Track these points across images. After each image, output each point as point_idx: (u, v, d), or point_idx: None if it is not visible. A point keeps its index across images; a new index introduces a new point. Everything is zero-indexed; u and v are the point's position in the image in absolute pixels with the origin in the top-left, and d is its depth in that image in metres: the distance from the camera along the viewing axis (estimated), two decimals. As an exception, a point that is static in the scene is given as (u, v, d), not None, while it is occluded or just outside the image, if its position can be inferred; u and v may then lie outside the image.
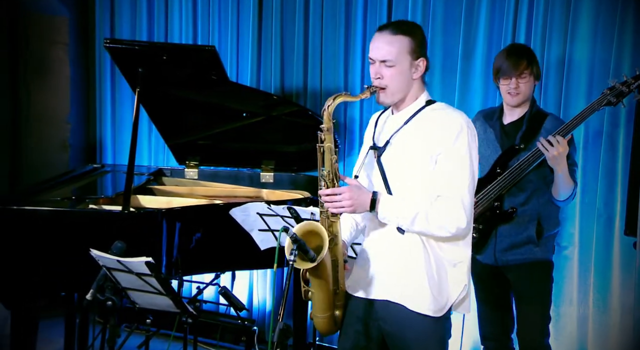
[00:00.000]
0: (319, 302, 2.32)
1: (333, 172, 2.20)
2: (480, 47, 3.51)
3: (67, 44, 4.69)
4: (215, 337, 4.06)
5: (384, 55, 2.17)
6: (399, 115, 2.28)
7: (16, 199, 3.12)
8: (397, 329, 2.24)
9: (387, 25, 2.24)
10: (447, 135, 2.15)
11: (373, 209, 2.18)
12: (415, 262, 2.20)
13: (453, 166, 2.15)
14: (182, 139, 3.97)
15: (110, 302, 2.37)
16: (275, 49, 4.08)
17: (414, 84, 2.24)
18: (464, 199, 2.14)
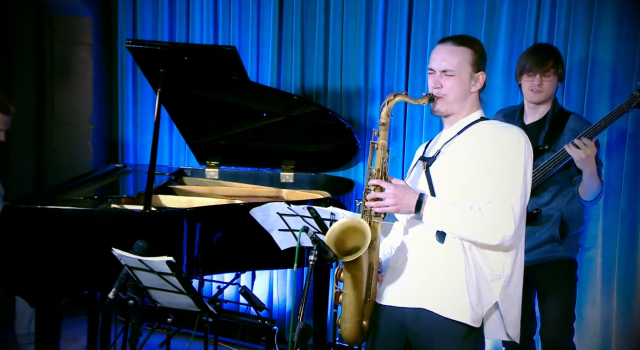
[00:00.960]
0: (350, 305, 2.26)
1: (382, 172, 2.18)
2: (501, 47, 3.49)
3: (91, 45, 4.74)
4: (235, 337, 4.08)
5: (446, 65, 2.18)
6: (452, 128, 2.26)
7: (40, 199, 3.15)
8: (428, 341, 2.18)
9: (449, 37, 2.26)
10: (503, 145, 2.13)
11: (418, 210, 2.14)
12: (455, 270, 2.14)
13: (507, 175, 2.11)
14: (203, 139, 3.99)
15: (131, 300, 2.39)
16: (295, 49, 4.09)
17: (471, 97, 2.24)
18: (514, 207, 2.10)
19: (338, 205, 3.37)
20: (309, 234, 2.32)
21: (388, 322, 2.26)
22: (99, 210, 3.08)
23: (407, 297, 2.21)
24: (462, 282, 2.13)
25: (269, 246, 2.74)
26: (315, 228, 2.53)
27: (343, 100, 4.01)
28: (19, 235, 2.86)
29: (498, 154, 2.12)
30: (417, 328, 2.19)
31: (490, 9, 3.51)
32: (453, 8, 3.61)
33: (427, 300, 2.17)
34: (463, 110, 2.24)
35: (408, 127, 3.84)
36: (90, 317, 3.45)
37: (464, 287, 2.13)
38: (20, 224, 2.87)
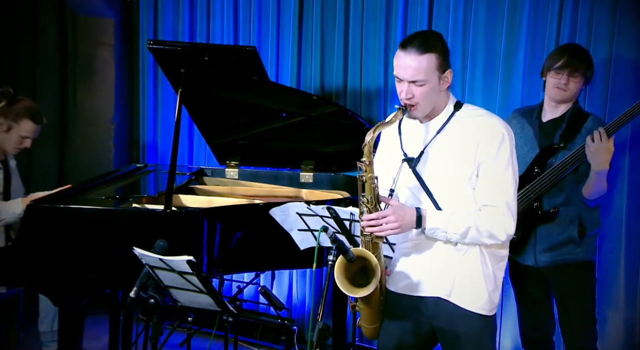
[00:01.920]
0: (367, 316, 2.34)
1: (375, 198, 2.19)
2: (522, 47, 3.45)
3: (113, 46, 4.78)
4: (255, 336, 4.09)
5: (414, 76, 2.15)
6: (430, 124, 2.27)
7: (62, 198, 3.19)
8: (450, 326, 2.25)
9: (409, 41, 2.17)
10: (489, 144, 2.16)
11: (419, 225, 2.17)
12: (471, 262, 2.21)
13: (497, 175, 2.16)
14: (223, 139, 4.00)
15: (152, 299, 2.41)
16: (315, 49, 4.09)
17: (443, 95, 2.25)
18: (510, 206, 2.17)
19: (357, 205, 3.36)
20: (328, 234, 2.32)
21: (402, 310, 2.31)
22: (120, 209, 3.10)
23: (424, 287, 2.26)
24: (479, 274, 2.21)
25: (289, 246, 2.74)
26: (334, 228, 2.53)
27: (363, 100, 4.00)
28: (42, 234, 2.89)
29: (486, 154, 2.15)
30: (439, 314, 2.26)
31: (512, 8, 3.48)
32: (474, 8, 3.58)
33: (445, 292, 2.23)
34: (437, 107, 2.25)
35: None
36: (112, 316, 3.48)
37: (481, 278, 2.21)
38: (43, 223, 2.90)
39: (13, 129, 3.34)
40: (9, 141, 3.36)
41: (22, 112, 3.34)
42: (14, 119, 3.32)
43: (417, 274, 2.28)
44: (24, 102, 3.40)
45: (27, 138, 3.39)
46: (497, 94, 3.55)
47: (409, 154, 2.29)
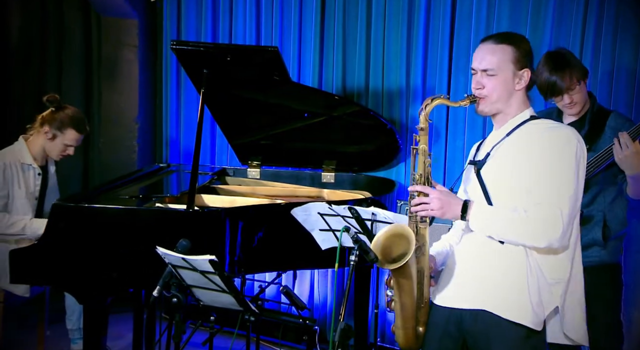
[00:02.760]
0: (402, 311, 2.26)
1: (425, 176, 2.17)
2: (546, 47, 3.40)
3: (137, 46, 4.83)
4: (277, 336, 4.10)
5: (486, 64, 2.14)
6: (501, 129, 2.22)
7: (87, 197, 3.22)
8: (486, 343, 2.14)
9: (491, 35, 2.21)
10: (553, 145, 2.08)
11: (464, 216, 2.13)
12: (516, 272, 2.11)
13: (556, 176, 2.06)
14: (245, 139, 4.02)
15: (175, 298, 2.42)
16: (337, 49, 4.09)
17: (516, 95, 2.18)
18: (563, 210, 2.03)
19: (379, 205, 3.35)
20: (350, 234, 2.32)
21: (445, 324, 2.24)
22: (143, 209, 3.13)
23: (465, 298, 2.19)
24: (523, 284, 2.10)
25: (310, 246, 2.74)
26: (356, 228, 2.52)
27: (384, 100, 3.99)
28: (67, 233, 2.93)
29: (547, 154, 2.07)
30: (475, 330, 2.17)
31: (535, 8, 3.45)
32: (497, 6, 3.56)
33: (486, 302, 2.14)
34: (510, 109, 2.19)
35: (450, 127, 3.80)
36: (135, 315, 3.51)
37: (524, 289, 2.10)
38: (68, 222, 2.94)
39: (58, 138, 3.44)
40: (53, 148, 3.46)
41: (67, 122, 3.44)
42: (59, 128, 3.42)
43: (458, 286, 2.22)
44: (68, 111, 3.49)
45: (71, 146, 3.47)
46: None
47: (477, 157, 2.27)
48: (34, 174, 3.46)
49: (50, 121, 3.43)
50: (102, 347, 3.02)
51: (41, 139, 3.46)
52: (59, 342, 3.98)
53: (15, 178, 3.37)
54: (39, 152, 3.47)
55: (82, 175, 5.08)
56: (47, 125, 3.43)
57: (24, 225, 3.34)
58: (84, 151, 5.06)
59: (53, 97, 3.45)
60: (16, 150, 3.42)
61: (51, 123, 3.42)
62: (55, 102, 3.45)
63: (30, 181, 3.45)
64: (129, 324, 3.67)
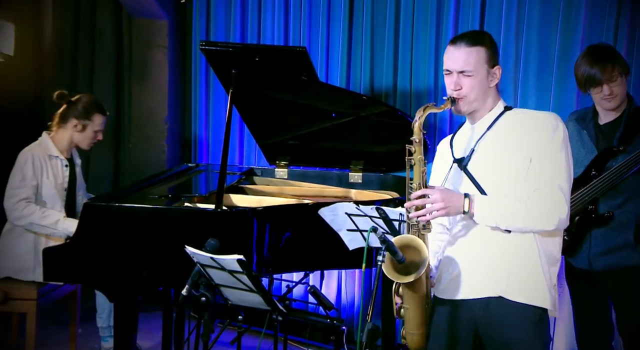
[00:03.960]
0: (414, 318, 2.29)
1: (423, 184, 2.20)
2: (577, 48, 3.36)
3: (166, 47, 4.88)
4: (304, 336, 4.10)
5: (463, 66, 2.20)
6: (479, 124, 2.29)
7: (118, 197, 3.27)
8: (499, 329, 2.18)
9: (460, 37, 2.26)
10: (541, 132, 2.15)
11: (467, 209, 2.15)
12: (529, 256, 2.17)
13: (551, 161, 2.14)
14: (273, 139, 4.03)
15: (204, 298, 2.44)
16: (365, 49, 4.08)
17: (491, 91, 2.26)
18: (563, 189, 2.13)
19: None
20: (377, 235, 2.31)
21: (455, 316, 2.27)
22: (172, 208, 3.16)
23: (475, 288, 2.22)
24: (538, 268, 2.16)
25: (338, 246, 2.74)
26: (383, 229, 2.51)
27: (413, 100, 3.98)
28: (98, 232, 2.97)
29: (537, 140, 2.14)
30: (486, 318, 2.21)
31: (567, 5, 3.40)
32: (527, 6, 3.51)
33: (500, 289, 2.17)
34: (485, 105, 2.27)
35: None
36: (164, 313, 3.54)
37: (540, 272, 2.16)
38: (99, 221, 2.98)
39: (88, 127, 3.48)
40: (85, 138, 3.53)
41: (91, 109, 3.49)
42: (86, 117, 3.47)
43: (465, 276, 2.24)
44: (85, 99, 3.53)
45: (100, 131, 3.53)
46: (552, 96, 3.47)
47: (456, 154, 2.31)
48: (62, 165, 3.52)
49: (74, 114, 3.48)
50: (132, 345, 3.06)
51: (68, 133, 3.50)
52: (91, 339, 4.04)
53: (43, 169, 3.43)
54: (65, 146, 3.53)
55: (113, 174, 5.15)
56: (73, 119, 3.47)
57: (58, 220, 3.39)
58: (115, 151, 5.13)
59: (62, 94, 3.51)
60: (42, 144, 3.48)
61: (77, 115, 3.47)
62: (66, 97, 3.50)
63: (59, 172, 3.50)
64: (159, 323, 3.70)
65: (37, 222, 3.36)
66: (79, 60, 5.08)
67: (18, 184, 3.35)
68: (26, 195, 3.36)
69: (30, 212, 3.34)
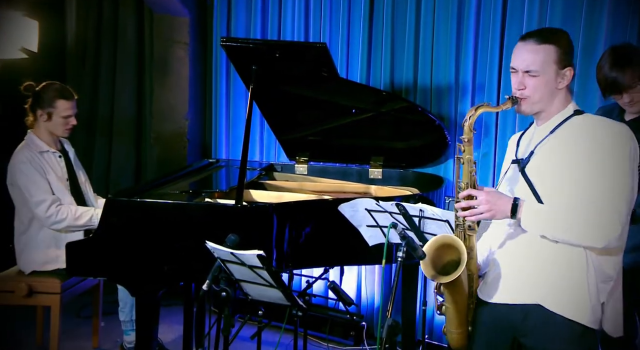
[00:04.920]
0: (454, 318, 2.26)
1: (471, 184, 2.15)
2: (601, 42, 3.30)
3: (188, 44, 4.90)
4: (324, 331, 4.12)
5: (528, 65, 2.09)
6: (544, 127, 2.18)
7: (139, 192, 3.30)
8: (537, 340, 2.11)
9: (531, 33, 2.14)
10: (605, 143, 2.02)
11: (514, 215, 2.08)
12: (575, 270, 2.06)
13: (612, 176, 2.01)
14: (293, 135, 4.04)
15: (224, 292, 2.46)
16: (385, 44, 4.06)
17: (559, 93, 2.14)
18: (619, 209, 1.99)
19: (427, 202, 3.33)
20: (397, 231, 2.30)
21: (494, 320, 2.20)
22: (193, 204, 3.18)
23: (517, 293, 2.15)
24: (583, 283, 2.06)
25: (357, 242, 2.74)
26: (403, 225, 2.51)
27: (433, 96, 3.95)
28: (120, 227, 3.00)
29: (600, 153, 2.01)
30: (525, 326, 2.13)
31: (590, 4, 3.34)
32: (550, 2, 3.46)
33: (541, 297, 2.10)
34: (552, 107, 2.15)
35: (500, 122, 3.74)
36: (185, 308, 3.57)
37: (584, 287, 2.06)
38: (121, 216, 3.01)
39: (53, 114, 3.51)
40: (56, 126, 3.55)
41: (53, 96, 3.52)
42: (50, 105, 3.50)
43: (504, 279, 2.18)
44: (49, 86, 3.56)
45: (70, 116, 3.55)
46: (574, 92, 3.41)
47: (519, 154, 2.23)
48: (55, 157, 3.56)
49: (38, 104, 3.51)
50: (154, 338, 3.09)
51: (41, 125, 3.53)
52: (113, 333, 4.08)
53: (43, 166, 3.47)
54: (48, 138, 3.56)
55: (134, 170, 5.20)
56: (38, 109, 3.51)
57: (91, 216, 3.44)
58: (136, 146, 5.17)
59: (29, 85, 3.55)
60: (29, 143, 3.51)
61: (40, 105, 3.51)
62: (32, 89, 3.54)
63: (56, 165, 3.54)
64: (180, 317, 3.74)
65: (72, 224, 3.42)
66: (101, 57, 5.12)
67: (36, 191, 3.39)
68: (51, 199, 3.40)
69: (64, 215, 3.40)
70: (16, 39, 4.16)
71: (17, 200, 3.48)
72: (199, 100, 5.05)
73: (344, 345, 4.11)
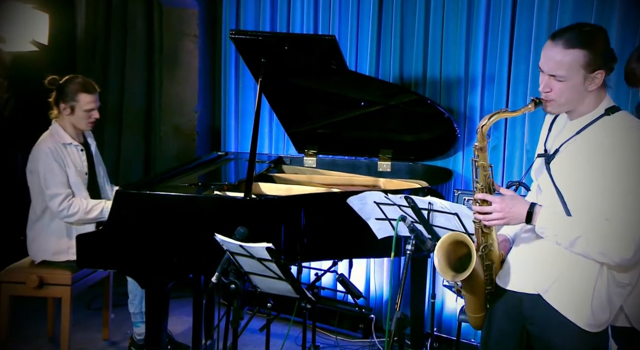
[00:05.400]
0: (471, 303, 2.30)
1: (487, 187, 2.14)
2: (613, 28, 3.25)
3: (197, 36, 4.90)
4: (333, 324, 4.12)
5: (553, 70, 2.01)
6: (574, 123, 2.11)
7: (148, 185, 3.31)
8: (545, 333, 2.12)
9: (563, 33, 2.03)
10: (629, 156, 1.95)
11: (529, 221, 2.07)
12: (585, 272, 2.05)
13: (629, 191, 1.94)
14: (302, 128, 4.03)
15: (233, 285, 2.47)
16: (394, 37, 4.05)
17: (590, 95, 2.06)
18: (634, 228, 1.93)
19: (436, 194, 3.32)
20: (406, 224, 2.31)
21: (505, 307, 2.22)
22: (202, 196, 3.18)
23: (527, 282, 2.16)
24: (589, 287, 2.04)
25: (366, 235, 2.74)
26: (412, 218, 2.51)
27: (442, 88, 3.94)
28: (129, 220, 3.01)
29: (621, 165, 1.95)
30: (533, 316, 2.15)
31: (602, -1, 3.32)
32: (561, -5, 3.44)
33: (542, 288, 2.11)
34: (582, 106, 2.08)
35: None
36: (195, 300, 3.58)
37: (589, 292, 2.04)
38: (130, 209, 3.02)
39: (76, 108, 3.53)
40: (79, 120, 3.57)
41: (75, 89, 3.55)
42: (72, 98, 3.52)
43: (523, 268, 2.18)
44: (73, 80, 3.58)
45: (92, 110, 3.57)
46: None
47: (548, 149, 2.19)
48: (77, 150, 3.58)
49: (61, 98, 3.54)
50: (163, 330, 3.11)
51: (65, 118, 3.56)
52: (123, 324, 4.11)
53: (64, 159, 3.49)
54: (72, 130, 3.58)
55: (143, 162, 5.21)
56: (61, 103, 3.54)
57: (102, 209, 3.47)
58: (146, 139, 5.18)
59: (52, 79, 3.57)
60: (54, 134, 3.54)
61: (63, 99, 3.54)
62: (56, 82, 3.57)
63: (77, 158, 3.56)
64: (189, 309, 3.75)
65: (84, 217, 3.44)
66: (110, 50, 5.13)
67: (52, 183, 3.41)
68: (65, 192, 3.43)
69: (76, 209, 3.42)
70: (27, 31, 4.17)
71: (33, 188, 3.51)
72: (208, 93, 5.05)
73: (353, 338, 4.11)
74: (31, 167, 3.49)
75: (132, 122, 5.16)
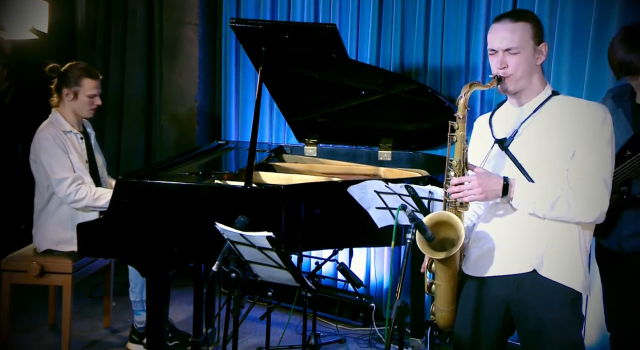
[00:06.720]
0: (445, 295, 2.30)
1: (463, 162, 2.19)
2: (614, 21, 3.25)
3: (197, 25, 4.89)
4: (333, 312, 4.14)
5: (508, 43, 2.16)
6: (525, 107, 2.25)
7: (149, 173, 3.30)
8: (532, 308, 2.17)
9: (504, 14, 2.23)
10: (590, 124, 2.12)
11: (505, 194, 2.14)
12: (569, 238, 2.16)
13: (596, 154, 2.12)
14: (302, 117, 4.03)
15: (234, 274, 2.47)
16: (395, 26, 4.03)
17: (537, 70, 2.22)
18: (606, 182, 2.11)
19: (436, 183, 3.31)
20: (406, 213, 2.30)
21: (483, 294, 2.26)
22: (203, 185, 3.19)
23: (507, 264, 2.21)
24: (576, 250, 2.16)
25: (367, 224, 2.74)
26: (413, 206, 2.51)
27: (443, 77, 3.93)
28: (130, 208, 3.01)
29: (584, 132, 2.12)
30: (519, 296, 2.20)
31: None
32: (562, -21, 3.43)
33: (534, 263, 2.17)
34: (532, 85, 2.23)
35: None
36: (195, 289, 3.59)
37: (577, 254, 2.16)
38: (131, 197, 3.02)
39: (79, 93, 3.53)
40: (81, 106, 3.57)
41: (79, 74, 3.54)
42: (75, 84, 3.52)
43: (497, 252, 2.23)
44: (75, 66, 3.58)
45: (95, 95, 3.56)
46: (586, 71, 3.38)
47: (497, 134, 2.28)
48: (77, 138, 3.58)
49: (64, 83, 3.53)
50: (164, 318, 3.12)
51: (67, 104, 3.56)
52: (124, 313, 4.13)
53: (66, 145, 3.49)
54: (72, 118, 3.58)
55: (144, 152, 5.21)
56: (64, 89, 3.53)
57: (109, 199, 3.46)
58: (146, 129, 5.18)
59: (53, 67, 3.57)
60: (54, 121, 3.53)
61: (66, 84, 3.53)
62: (58, 70, 3.56)
63: (77, 146, 3.56)
64: (190, 298, 3.77)
65: (91, 204, 3.44)
66: (111, 39, 5.12)
67: (57, 168, 3.40)
68: (72, 177, 3.42)
69: (83, 195, 3.41)
70: (27, 20, 4.16)
71: (38, 177, 3.50)
72: (208, 82, 5.04)
73: (353, 327, 4.13)
74: (34, 156, 3.49)
75: (133, 111, 5.16)
